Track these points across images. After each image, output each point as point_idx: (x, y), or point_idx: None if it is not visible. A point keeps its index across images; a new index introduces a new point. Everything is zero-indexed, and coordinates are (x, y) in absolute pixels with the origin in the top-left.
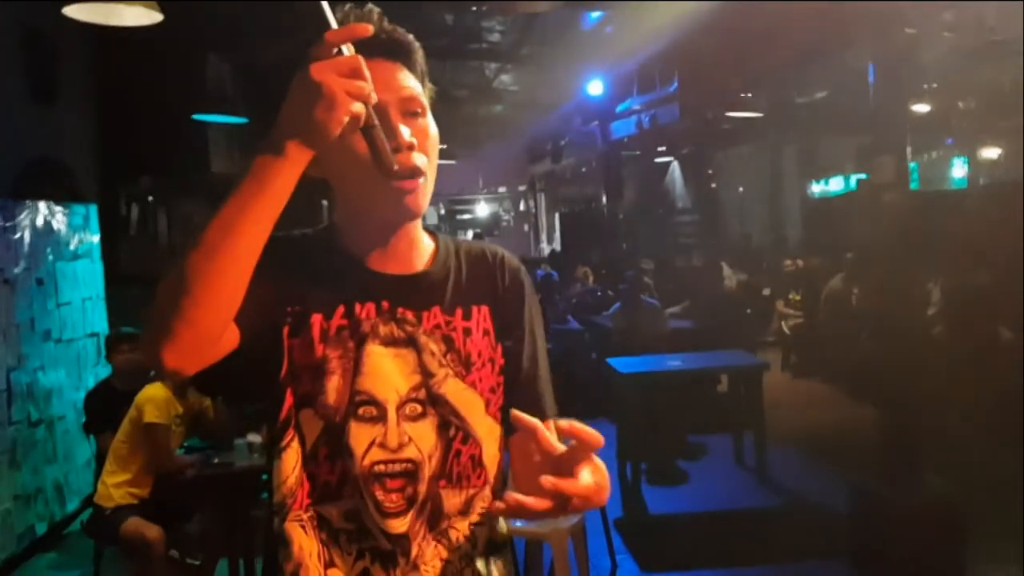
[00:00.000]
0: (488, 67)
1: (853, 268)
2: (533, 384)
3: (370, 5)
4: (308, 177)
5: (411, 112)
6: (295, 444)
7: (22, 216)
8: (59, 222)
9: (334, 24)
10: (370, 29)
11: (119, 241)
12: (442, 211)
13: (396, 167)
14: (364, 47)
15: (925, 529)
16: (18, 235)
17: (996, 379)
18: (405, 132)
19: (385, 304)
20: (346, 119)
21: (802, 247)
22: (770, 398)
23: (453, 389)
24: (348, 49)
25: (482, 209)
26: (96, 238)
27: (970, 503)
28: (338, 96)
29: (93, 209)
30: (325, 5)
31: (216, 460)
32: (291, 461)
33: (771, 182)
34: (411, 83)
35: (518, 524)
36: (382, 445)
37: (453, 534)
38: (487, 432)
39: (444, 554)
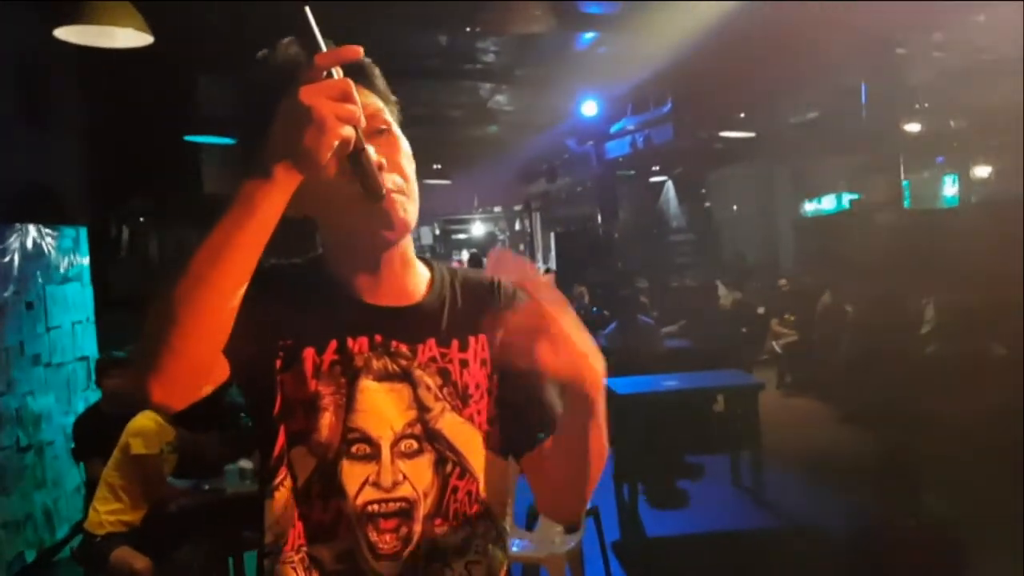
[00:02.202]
0: (483, 88)
1: (843, 285)
2: (533, 404)
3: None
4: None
5: (375, 130)
6: (287, 483)
7: (11, 239)
8: (49, 245)
9: (324, 47)
10: (360, 52)
11: (110, 264)
12: (437, 231)
13: (384, 191)
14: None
15: (922, 550)
16: (7, 258)
17: (991, 396)
18: (372, 154)
19: (378, 338)
20: (336, 143)
21: (795, 266)
22: (765, 417)
23: (450, 424)
24: (337, 72)
25: (477, 229)
26: (86, 261)
27: (967, 522)
28: (328, 120)
29: (83, 232)
30: (315, 28)
31: (207, 487)
32: (283, 500)
33: (765, 201)
34: (371, 99)
35: (515, 549)
36: (376, 484)
37: (450, 574)
38: (485, 466)
39: None
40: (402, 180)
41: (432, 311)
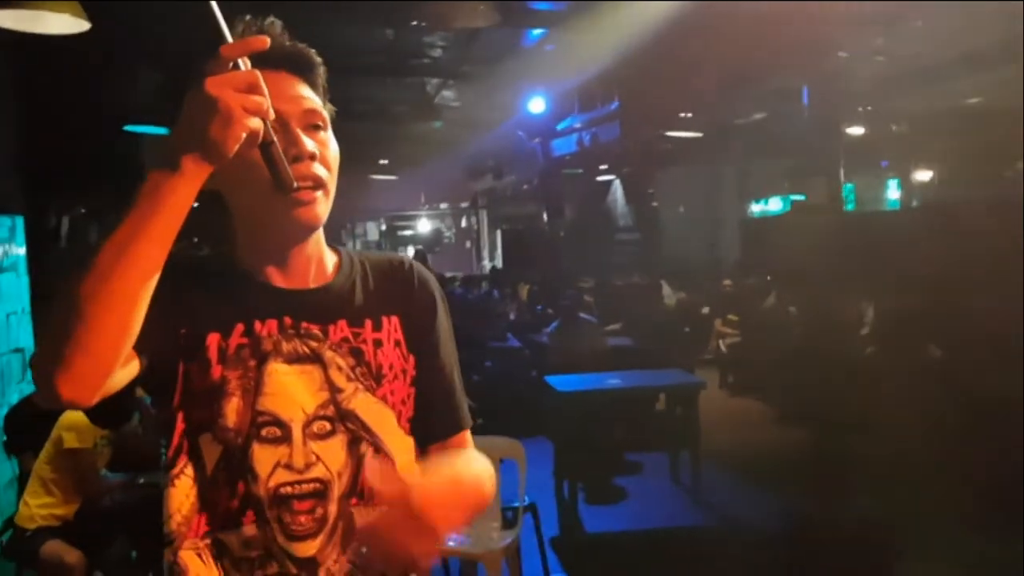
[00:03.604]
0: (429, 83)
1: (786, 287)
2: (447, 396)
3: (272, 18)
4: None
5: (312, 125)
6: (189, 471)
7: None
8: None
9: (229, 38)
10: (267, 42)
11: (47, 254)
12: (383, 227)
13: (295, 184)
14: (266, 59)
15: (857, 549)
16: None
17: (928, 399)
18: (308, 143)
19: (288, 320)
20: (243, 135)
21: (740, 266)
22: (707, 417)
23: (363, 403)
24: (245, 63)
25: (423, 225)
26: (22, 251)
27: (901, 523)
28: (235, 112)
29: (20, 221)
30: (220, 19)
31: (142, 480)
32: (184, 489)
33: (710, 202)
34: (312, 96)
35: (452, 544)
36: (288, 466)
37: (368, 554)
38: (399, 446)
39: None
40: (327, 173)
41: (342, 292)
